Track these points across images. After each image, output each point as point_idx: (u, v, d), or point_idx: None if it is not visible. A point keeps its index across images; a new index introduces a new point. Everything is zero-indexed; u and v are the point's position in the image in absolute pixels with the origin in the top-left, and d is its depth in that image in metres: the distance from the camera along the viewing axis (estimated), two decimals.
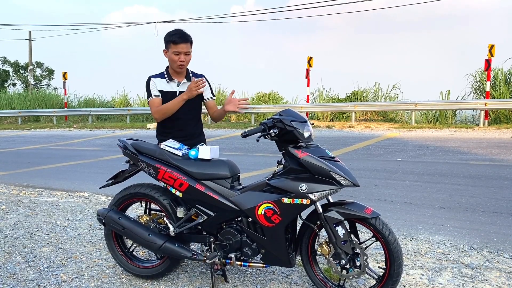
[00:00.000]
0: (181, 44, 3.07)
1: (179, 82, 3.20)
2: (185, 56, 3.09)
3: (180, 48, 3.07)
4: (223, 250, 2.76)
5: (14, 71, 40.14)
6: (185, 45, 3.08)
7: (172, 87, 3.18)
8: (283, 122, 2.56)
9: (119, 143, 3.11)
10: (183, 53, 3.08)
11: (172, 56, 3.10)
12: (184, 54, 3.09)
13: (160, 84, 3.17)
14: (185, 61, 3.11)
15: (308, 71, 18.51)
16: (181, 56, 3.08)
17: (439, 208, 4.98)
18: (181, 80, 3.21)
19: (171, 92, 3.16)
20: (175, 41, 3.06)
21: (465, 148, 9.49)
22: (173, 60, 3.10)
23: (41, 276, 3.18)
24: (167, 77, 3.18)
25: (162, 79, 3.18)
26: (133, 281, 3.08)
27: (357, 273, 2.58)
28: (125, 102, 25.84)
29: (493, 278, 3.07)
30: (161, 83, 3.16)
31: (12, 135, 17.77)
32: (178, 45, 3.07)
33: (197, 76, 3.29)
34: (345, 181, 2.50)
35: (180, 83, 3.20)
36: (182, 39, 3.07)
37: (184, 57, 3.09)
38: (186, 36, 3.09)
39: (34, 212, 5.10)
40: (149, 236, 2.85)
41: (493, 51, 14.47)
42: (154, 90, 3.17)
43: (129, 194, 3.04)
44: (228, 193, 2.72)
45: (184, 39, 3.08)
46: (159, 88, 3.17)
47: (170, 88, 3.17)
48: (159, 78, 3.20)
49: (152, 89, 3.17)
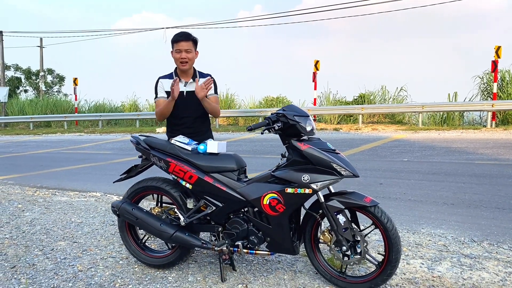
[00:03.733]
0: (182, 42, 3.26)
1: (186, 82, 3.37)
2: (186, 53, 3.26)
3: (181, 46, 3.26)
4: (230, 238, 2.92)
5: (26, 78, 40.80)
6: (185, 43, 3.27)
7: (180, 87, 3.35)
8: (286, 116, 2.71)
9: (132, 139, 3.29)
10: (184, 50, 3.26)
11: (174, 54, 3.30)
12: (185, 52, 3.26)
13: (168, 85, 3.33)
14: (187, 58, 3.28)
15: (315, 74, 18.66)
16: (182, 54, 3.26)
17: (442, 204, 5.08)
18: (188, 80, 3.38)
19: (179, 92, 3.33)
20: (176, 39, 3.28)
21: (472, 149, 9.55)
22: (176, 58, 3.30)
23: (59, 267, 3.35)
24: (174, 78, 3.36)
25: (170, 79, 3.35)
26: (145, 270, 3.24)
27: (357, 259, 2.72)
28: (134, 107, 26.20)
29: (491, 266, 3.18)
30: (169, 84, 3.32)
31: (25, 140, 18.12)
32: (179, 43, 3.26)
33: (204, 76, 3.45)
34: (346, 172, 2.64)
35: (187, 83, 3.37)
36: (182, 37, 3.27)
37: (186, 55, 3.26)
38: (186, 35, 3.29)
39: (49, 210, 5.29)
40: (161, 226, 3.01)
41: (499, 53, 14.52)
42: (161, 91, 3.35)
43: (141, 187, 3.22)
44: (235, 185, 2.88)
45: (184, 37, 3.27)
46: (166, 89, 3.34)
47: None
48: (167, 78, 3.38)
49: (159, 90, 3.36)
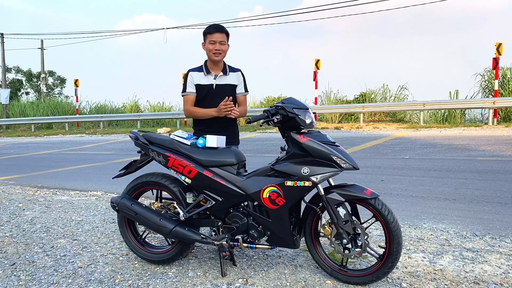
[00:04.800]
0: (216, 33, 3.25)
1: (216, 75, 3.36)
2: (220, 45, 3.25)
3: (215, 37, 3.24)
4: (230, 233, 2.90)
5: (27, 80, 40.88)
6: (220, 35, 3.25)
7: (209, 80, 3.34)
8: (286, 109, 2.69)
9: (131, 135, 3.28)
10: (218, 42, 3.24)
11: (208, 45, 3.27)
12: (219, 44, 3.25)
13: (198, 78, 3.33)
14: (221, 50, 3.26)
15: (315, 73, 18.63)
16: (216, 45, 3.24)
17: (444, 200, 5.06)
18: (218, 73, 3.36)
19: (207, 85, 3.32)
20: (210, 31, 3.26)
21: (473, 146, 9.51)
22: (209, 49, 3.27)
23: (58, 263, 3.34)
24: (205, 70, 3.35)
25: (200, 72, 3.34)
26: (145, 266, 3.23)
27: (358, 252, 2.69)
28: (135, 108, 26.21)
29: (493, 259, 3.15)
30: (199, 77, 3.32)
31: (26, 142, 18.13)
32: (213, 34, 3.25)
33: (234, 70, 3.44)
34: (346, 164, 2.62)
35: (217, 76, 3.35)
36: (217, 29, 3.26)
37: (220, 46, 3.25)
38: (221, 27, 3.29)
39: (50, 209, 5.28)
40: (160, 221, 3.00)
41: (500, 50, 14.47)
42: (190, 85, 3.34)
43: (141, 182, 3.20)
44: (235, 179, 2.86)
45: (218, 29, 3.27)
46: (196, 82, 3.33)
47: (207, 81, 3.33)
48: (197, 71, 3.36)
49: (188, 85, 3.34)
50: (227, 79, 3.38)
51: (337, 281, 2.83)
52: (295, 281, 2.86)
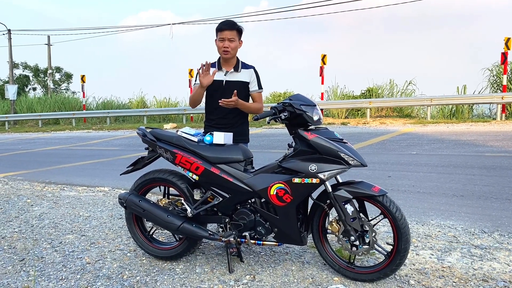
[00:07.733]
0: (226, 30, 3.22)
1: (227, 72, 3.33)
2: (229, 42, 3.22)
3: (225, 34, 3.22)
4: (238, 229, 2.90)
5: (34, 76, 41.08)
6: (229, 32, 3.22)
7: (220, 76, 3.33)
8: (293, 106, 2.68)
9: (138, 132, 3.28)
10: (227, 39, 3.21)
11: (218, 43, 3.26)
12: (228, 41, 3.21)
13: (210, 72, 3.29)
14: (229, 48, 3.23)
15: (322, 68, 18.55)
16: (225, 42, 3.22)
17: (451, 196, 5.03)
18: (229, 70, 3.34)
19: (218, 81, 3.31)
20: (220, 28, 3.23)
21: (481, 141, 9.44)
22: (218, 47, 3.26)
23: (67, 259, 3.36)
24: (217, 66, 3.34)
25: (213, 68, 3.33)
26: (153, 262, 3.24)
27: (366, 250, 2.69)
28: (142, 104, 26.28)
29: (502, 257, 3.13)
30: (211, 71, 3.29)
31: (33, 137, 18.25)
32: (223, 31, 3.22)
33: (248, 67, 3.41)
34: (354, 161, 2.61)
35: (227, 72, 3.33)
36: (227, 25, 3.22)
37: (229, 44, 3.22)
38: (231, 23, 3.24)
39: (58, 204, 5.32)
40: (168, 217, 3.00)
41: (509, 44, 14.31)
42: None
43: (148, 179, 3.21)
44: (242, 176, 2.86)
45: (229, 26, 3.22)
46: None
47: (218, 76, 3.32)
48: (212, 67, 3.34)
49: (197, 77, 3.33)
50: (239, 75, 3.35)
51: (345, 278, 2.83)
52: (303, 278, 2.86)
